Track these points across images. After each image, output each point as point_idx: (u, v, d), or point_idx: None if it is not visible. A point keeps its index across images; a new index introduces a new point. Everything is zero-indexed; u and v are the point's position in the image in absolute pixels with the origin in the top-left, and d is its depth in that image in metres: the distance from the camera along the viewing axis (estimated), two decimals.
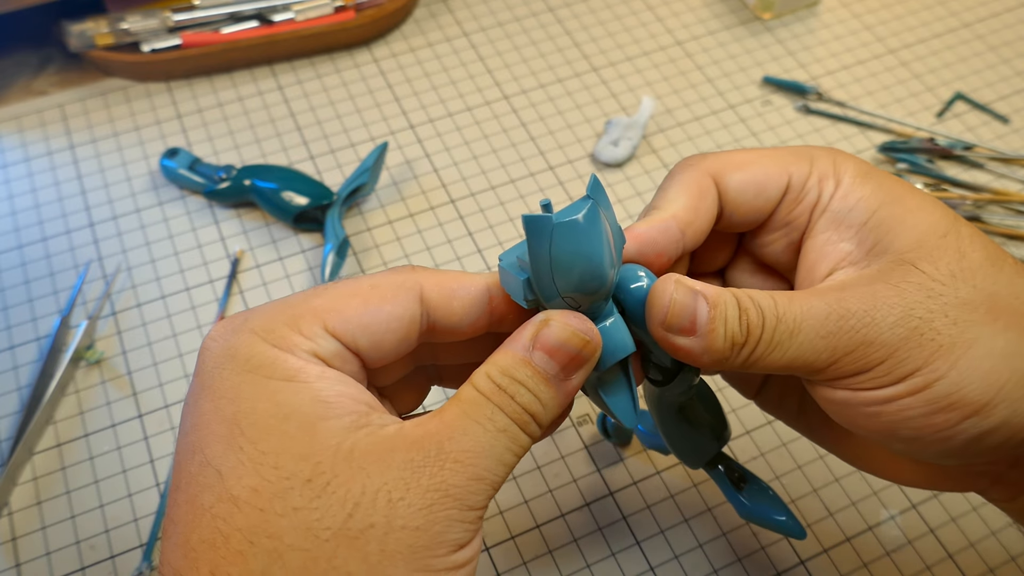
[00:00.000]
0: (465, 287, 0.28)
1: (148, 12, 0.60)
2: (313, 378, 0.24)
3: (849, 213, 0.28)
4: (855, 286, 0.26)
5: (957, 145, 0.59)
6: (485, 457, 0.24)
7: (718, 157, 0.30)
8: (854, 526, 0.44)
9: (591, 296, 0.26)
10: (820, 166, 0.30)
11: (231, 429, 0.23)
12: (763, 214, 0.30)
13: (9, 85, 0.61)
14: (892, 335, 0.25)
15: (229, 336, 0.25)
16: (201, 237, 0.54)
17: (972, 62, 0.65)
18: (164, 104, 0.61)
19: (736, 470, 0.35)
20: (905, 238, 0.27)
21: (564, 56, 0.64)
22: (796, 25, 0.67)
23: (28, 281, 0.52)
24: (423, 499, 0.23)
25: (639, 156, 0.59)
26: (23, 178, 0.57)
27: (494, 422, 0.24)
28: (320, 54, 0.64)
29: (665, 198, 0.29)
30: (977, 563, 0.43)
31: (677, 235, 0.29)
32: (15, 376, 0.49)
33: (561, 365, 0.25)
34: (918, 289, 0.26)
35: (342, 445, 0.23)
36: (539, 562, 0.43)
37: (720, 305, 0.26)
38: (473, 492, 0.24)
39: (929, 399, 0.25)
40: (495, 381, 0.25)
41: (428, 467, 0.23)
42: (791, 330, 0.26)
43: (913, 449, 0.27)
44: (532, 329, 0.26)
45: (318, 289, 0.27)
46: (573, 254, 0.24)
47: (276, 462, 0.23)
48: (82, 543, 0.43)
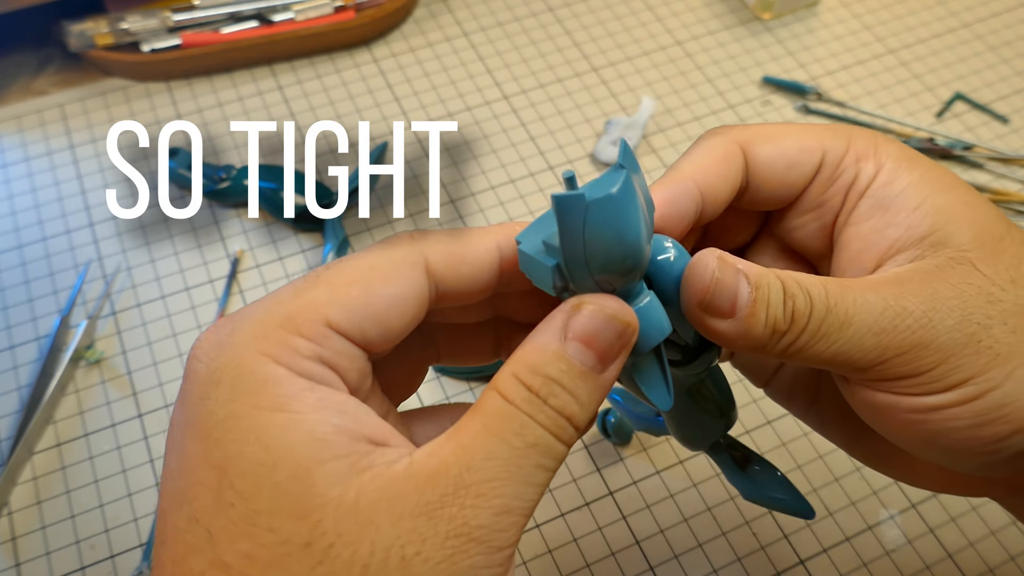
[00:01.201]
0: (474, 250, 0.25)
1: (148, 12, 0.60)
2: (308, 408, 0.21)
3: (897, 198, 0.26)
4: (912, 281, 0.24)
5: (957, 145, 0.59)
6: (513, 483, 0.21)
7: (747, 127, 0.28)
8: (854, 526, 0.44)
9: (626, 276, 0.23)
10: (858, 145, 0.27)
11: (220, 480, 0.20)
12: (793, 190, 0.28)
13: (9, 85, 0.61)
14: (948, 339, 0.24)
15: (216, 353, 0.22)
16: (201, 237, 0.54)
17: (972, 62, 0.65)
18: (164, 104, 0.61)
19: (740, 451, 0.33)
20: (964, 233, 0.25)
21: (564, 56, 0.64)
22: (796, 25, 0.67)
23: (28, 281, 0.52)
24: (442, 550, 0.20)
25: (639, 156, 0.59)
26: (23, 178, 0.57)
27: (523, 437, 0.21)
28: (320, 54, 0.64)
29: (687, 160, 0.27)
30: (977, 563, 0.43)
31: (697, 198, 0.26)
32: (15, 376, 0.49)
33: (599, 355, 0.22)
34: (978, 292, 0.24)
35: (344, 496, 0.20)
36: (539, 562, 0.43)
37: (763, 287, 0.24)
38: (501, 530, 0.21)
39: (980, 410, 0.24)
40: (525, 382, 0.22)
41: (445, 508, 0.20)
42: (842, 322, 0.24)
43: (950, 459, 0.25)
44: (563, 317, 0.22)
45: (309, 278, 0.23)
46: (610, 233, 0.22)
47: (270, 523, 0.20)
48: (82, 543, 0.43)
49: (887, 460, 0.30)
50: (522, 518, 0.21)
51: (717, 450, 0.33)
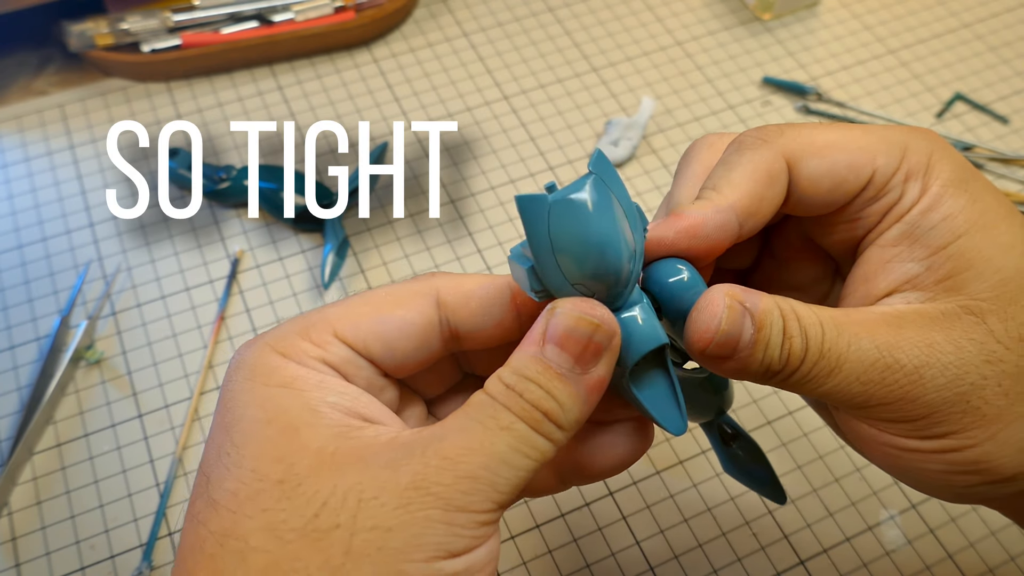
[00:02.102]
0: (483, 287, 0.26)
1: (148, 12, 0.60)
2: (309, 387, 0.24)
3: (929, 232, 0.25)
4: (912, 327, 0.24)
5: (957, 146, 0.59)
6: (482, 455, 0.22)
7: (798, 134, 0.27)
8: (854, 526, 0.44)
9: (606, 284, 0.23)
10: (912, 160, 0.26)
11: (223, 437, 0.23)
12: (834, 207, 0.27)
13: (9, 85, 0.61)
14: (937, 397, 0.24)
15: (244, 350, 0.25)
16: (201, 237, 0.54)
17: (972, 62, 0.65)
18: (164, 104, 0.61)
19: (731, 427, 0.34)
20: (984, 281, 0.24)
21: (564, 56, 0.64)
22: (796, 25, 0.67)
23: (28, 281, 0.52)
24: (399, 498, 0.21)
25: (639, 156, 0.59)
26: (23, 178, 0.57)
27: (497, 420, 0.22)
28: (320, 54, 0.64)
29: (727, 179, 0.26)
30: (977, 563, 0.43)
31: (734, 230, 0.25)
32: (15, 376, 0.49)
33: (574, 356, 0.23)
34: (979, 350, 0.24)
35: (324, 449, 0.22)
36: (539, 562, 0.43)
37: (765, 328, 0.24)
38: (464, 491, 0.21)
39: (956, 461, 0.24)
40: (505, 382, 0.23)
41: (410, 465, 0.22)
42: (831, 369, 0.24)
43: (922, 490, 0.26)
44: (542, 322, 0.23)
45: (336, 301, 0.26)
46: (575, 236, 0.22)
47: (254, 465, 0.22)
48: (82, 543, 0.43)
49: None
50: (491, 489, 0.22)
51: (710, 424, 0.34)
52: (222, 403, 0.24)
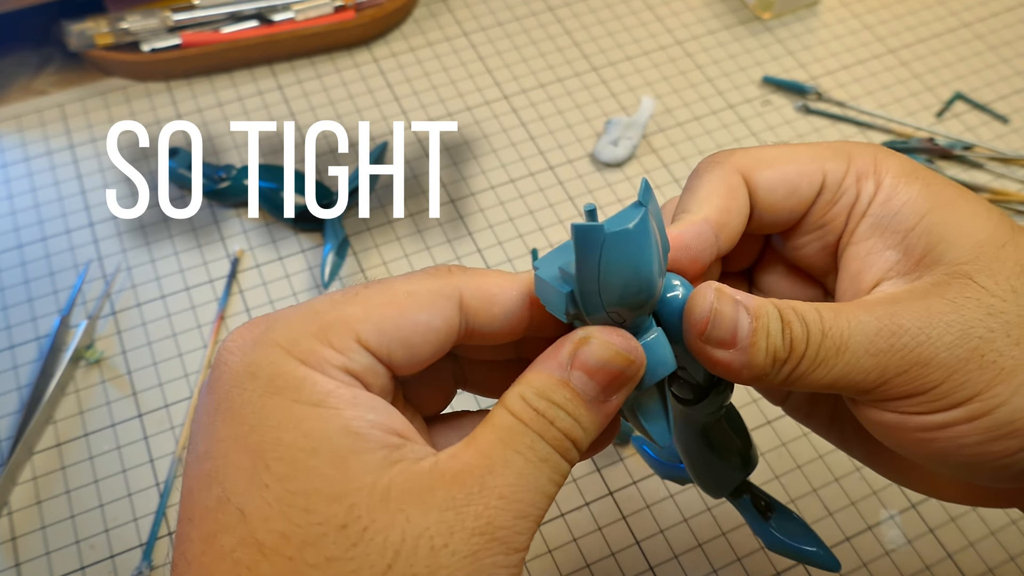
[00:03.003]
0: (507, 291, 0.25)
1: (148, 12, 0.60)
2: (344, 404, 0.22)
3: (894, 217, 0.26)
4: (907, 300, 0.24)
5: (957, 145, 0.59)
6: (529, 491, 0.22)
7: (747, 153, 0.28)
8: (854, 526, 0.44)
9: (637, 310, 0.24)
10: (858, 163, 0.27)
11: (255, 462, 0.21)
12: (795, 215, 0.28)
13: (9, 85, 0.61)
14: (950, 355, 0.23)
15: (250, 349, 0.23)
16: (201, 237, 0.54)
17: (972, 62, 0.65)
18: (164, 104, 0.61)
19: (763, 498, 0.33)
20: (960, 247, 0.25)
21: (564, 56, 0.64)
22: (796, 25, 0.67)
23: (28, 281, 0.52)
24: (468, 545, 0.21)
25: (639, 156, 0.59)
26: (23, 178, 0.57)
27: (535, 451, 0.22)
28: (320, 54, 0.64)
29: (694, 199, 0.27)
30: (977, 563, 0.43)
31: (712, 239, 0.26)
32: (15, 376, 0.49)
33: (602, 386, 0.23)
34: (977, 305, 0.24)
35: (377, 484, 0.21)
36: (539, 562, 0.43)
37: (762, 317, 0.24)
38: (519, 532, 0.22)
39: (988, 426, 0.23)
40: (531, 404, 0.23)
41: (472, 506, 0.21)
42: (838, 346, 0.24)
43: (965, 474, 0.25)
44: (571, 347, 0.23)
45: (348, 293, 0.24)
46: (624, 266, 0.22)
47: (307, 504, 0.21)
48: (82, 543, 0.43)
49: (909, 475, 0.30)
50: (535, 524, 0.22)
51: (738, 496, 0.33)
52: (236, 416, 0.22)
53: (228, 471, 0.21)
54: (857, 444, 0.31)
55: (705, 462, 0.32)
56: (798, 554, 0.32)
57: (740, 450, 0.31)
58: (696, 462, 0.32)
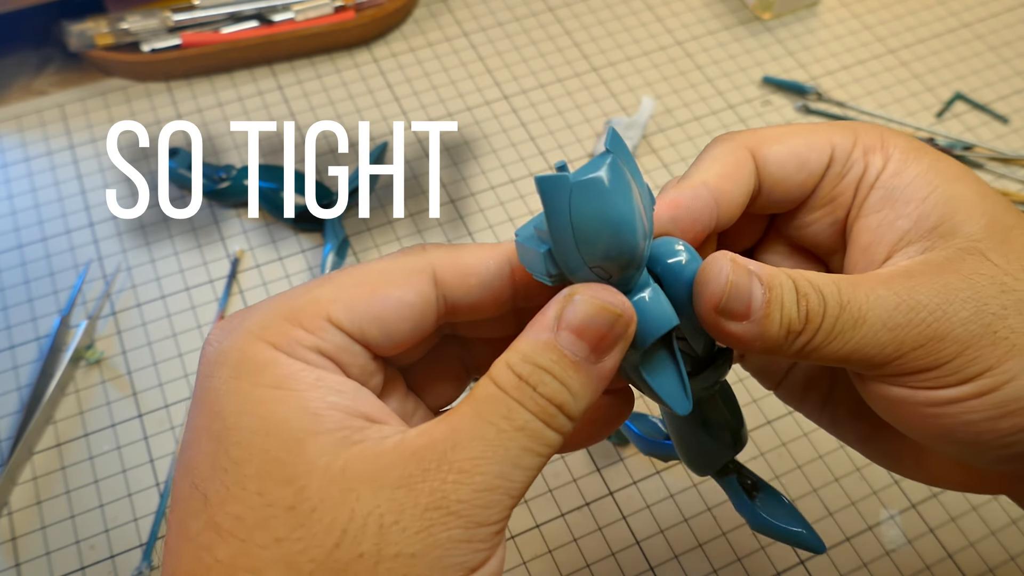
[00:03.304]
0: (483, 261, 0.25)
1: (148, 12, 0.60)
2: (304, 386, 0.22)
3: (906, 189, 0.26)
4: (923, 274, 0.24)
5: (957, 145, 0.59)
6: (498, 462, 0.21)
7: (754, 132, 0.28)
8: (854, 526, 0.44)
9: (621, 265, 0.23)
10: (865, 138, 0.27)
11: (216, 448, 0.22)
12: (806, 190, 0.28)
13: (9, 85, 0.61)
14: (964, 331, 0.23)
15: (224, 338, 0.23)
16: (201, 237, 0.54)
17: (972, 62, 0.65)
18: (164, 104, 0.61)
19: (749, 477, 0.32)
20: (973, 223, 0.25)
21: (564, 56, 0.64)
22: (796, 25, 0.67)
23: (28, 281, 0.52)
24: (420, 521, 0.20)
25: (639, 156, 0.59)
26: (23, 178, 0.57)
27: (511, 420, 0.21)
28: (320, 54, 0.64)
29: (697, 168, 0.27)
30: (977, 563, 0.43)
31: (711, 202, 0.26)
32: (15, 376, 0.49)
33: (591, 345, 0.22)
34: (991, 282, 0.24)
35: (332, 465, 0.21)
36: (539, 562, 0.43)
37: (776, 288, 0.24)
38: (483, 506, 0.21)
39: (997, 402, 0.23)
40: (516, 371, 0.22)
41: (427, 482, 0.21)
42: (856, 319, 0.24)
43: (968, 453, 0.25)
44: (556, 307, 0.22)
45: (322, 279, 0.24)
46: (597, 216, 0.21)
47: (259, 487, 0.21)
48: (82, 543, 0.43)
49: (901, 459, 0.30)
50: (507, 497, 0.21)
51: (725, 474, 0.32)
52: (206, 404, 0.22)
53: (197, 459, 0.22)
54: (849, 427, 0.31)
55: (694, 439, 0.31)
56: (783, 534, 0.31)
57: (731, 426, 0.31)
58: (685, 438, 0.31)
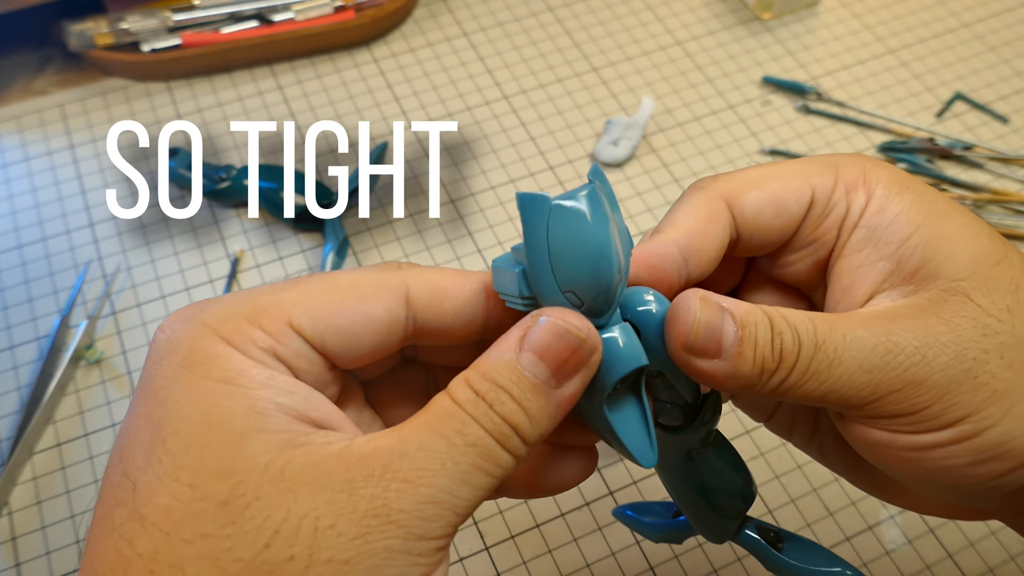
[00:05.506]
0: (458, 285, 0.25)
1: (148, 12, 0.60)
2: (254, 384, 0.21)
3: (888, 228, 0.25)
4: (904, 317, 0.24)
5: (957, 145, 0.59)
6: (445, 476, 0.20)
7: (731, 177, 0.27)
8: (854, 526, 0.44)
9: (594, 294, 0.23)
10: (847, 175, 0.27)
11: (154, 437, 0.21)
12: (785, 234, 0.27)
13: (9, 85, 0.61)
14: (943, 376, 0.23)
15: (178, 327, 0.22)
16: (201, 237, 0.54)
17: (972, 62, 0.65)
18: (164, 104, 0.61)
19: (770, 529, 0.31)
20: (956, 263, 0.24)
21: (564, 56, 0.64)
22: (796, 25, 0.67)
23: (28, 281, 0.52)
24: (357, 527, 0.20)
25: (639, 156, 0.59)
26: (23, 178, 0.57)
27: (463, 436, 0.21)
28: (320, 54, 0.64)
29: (670, 222, 0.26)
30: (977, 563, 0.43)
31: (678, 260, 0.26)
32: (15, 376, 0.49)
33: (552, 369, 0.22)
34: (972, 325, 0.23)
35: (272, 464, 0.20)
36: (539, 562, 0.43)
37: (749, 325, 0.23)
38: (425, 519, 0.20)
39: (977, 448, 0.23)
40: (474, 387, 0.22)
41: (369, 488, 0.20)
42: (831, 360, 0.23)
43: (950, 495, 0.25)
44: (521, 328, 0.22)
45: (290, 281, 0.24)
46: (575, 239, 0.22)
47: (192, 479, 0.20)
48: (82, 543, 0.43)
49: (890, 490, 0.30)
50: (451, 514, 0.21)
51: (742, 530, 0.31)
52: (150, 392, 0.22)
53: (132, 447, 0.21)
54: (838, 459, 0.30)
55: (700, 503, 0.30)
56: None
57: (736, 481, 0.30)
58: (695, 503, 0.31)
